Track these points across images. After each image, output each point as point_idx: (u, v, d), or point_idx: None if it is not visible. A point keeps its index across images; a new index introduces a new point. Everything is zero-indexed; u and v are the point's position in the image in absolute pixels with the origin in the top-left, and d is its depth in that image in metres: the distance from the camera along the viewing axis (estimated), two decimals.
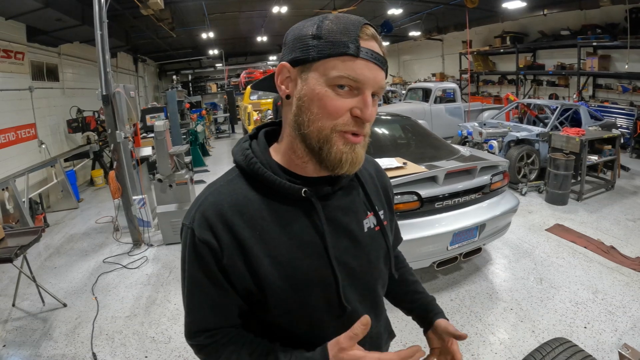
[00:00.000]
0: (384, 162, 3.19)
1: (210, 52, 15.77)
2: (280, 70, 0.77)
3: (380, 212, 0.93)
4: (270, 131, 0.89)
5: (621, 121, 7.76)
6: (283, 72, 0.77)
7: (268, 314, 0.81)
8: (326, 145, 0.73)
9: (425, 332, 1.03)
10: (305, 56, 0.72)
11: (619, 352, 1.81)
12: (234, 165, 0.86)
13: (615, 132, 5.74)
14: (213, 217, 0.76)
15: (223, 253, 0.75)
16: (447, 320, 1.00)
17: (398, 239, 1.16)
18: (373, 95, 0.74)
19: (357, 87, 0.71)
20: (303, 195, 0.78)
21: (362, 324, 0.74)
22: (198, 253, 0.76)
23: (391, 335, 1.07)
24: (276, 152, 0.83)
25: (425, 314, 1.04)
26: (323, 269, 0.79)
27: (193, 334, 0.82)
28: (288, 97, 0.77)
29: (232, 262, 0.75)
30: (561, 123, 6.29)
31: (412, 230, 2.96)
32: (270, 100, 9.65)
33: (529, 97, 10.82)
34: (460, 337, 0.93)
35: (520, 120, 7.47)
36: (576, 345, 1.69)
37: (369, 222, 0.90)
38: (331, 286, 0.80)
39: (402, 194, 3.00)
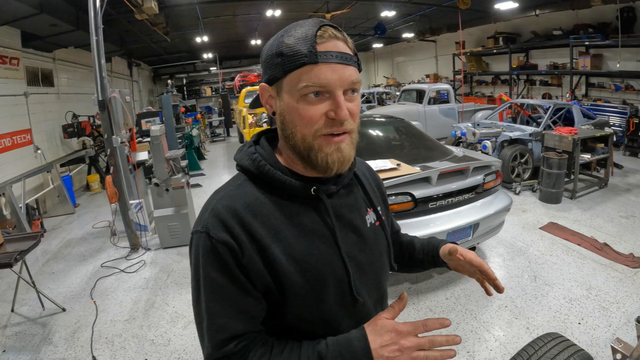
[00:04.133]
0: (378, 164, 3.22)
1: (205, 55, 15.75)
2: (261, 91, 0.82)
3: (378, 208, 0.97)
4: (270, 137, 0.92)
5: (614, 119, 7.84)
6: (264, 92, 0.82)
7: (284, 315, 0.81)
8: (312, 152, 0.77)
9: (447, 266, 1.04)
10: (275, 75, 0.77)
11: (612, 347, 1.84)
12: (237, 172, 0.88)
13: (607, 130, 5.80)
14: (229, 218, 0.76)
15: (243, 252, 0.75)
16: (453, 243, 1.02)
17: (395, 227, 1.22)
18: (352, 91, 0.77)
19: (326, 90, 0.74)
20: (312, 193, 0.82)
21: (400, 299, 0.81)
22: (217, 255, 0.75)
23: None
24: (278, 157, 0.86)
25: (433, 250, 1.06)
26: (335, 263, 0.82)
27: (221, 344, 0.76)
28: (274, 113, 0.82)
29: (252, 261, 0.75)
30: (554, 122, 6.36)
31: (407, 230, 2.92)
32: None
33: (522, 97, 10.91)
34: (453, 251, 0.96)
35: (514, 120, 7.54)
36: (568, 340, 1.73)
37: (370, 217, 0.94)
38: (343, 279, 0.83)
39: (396, 194, 3.04)
